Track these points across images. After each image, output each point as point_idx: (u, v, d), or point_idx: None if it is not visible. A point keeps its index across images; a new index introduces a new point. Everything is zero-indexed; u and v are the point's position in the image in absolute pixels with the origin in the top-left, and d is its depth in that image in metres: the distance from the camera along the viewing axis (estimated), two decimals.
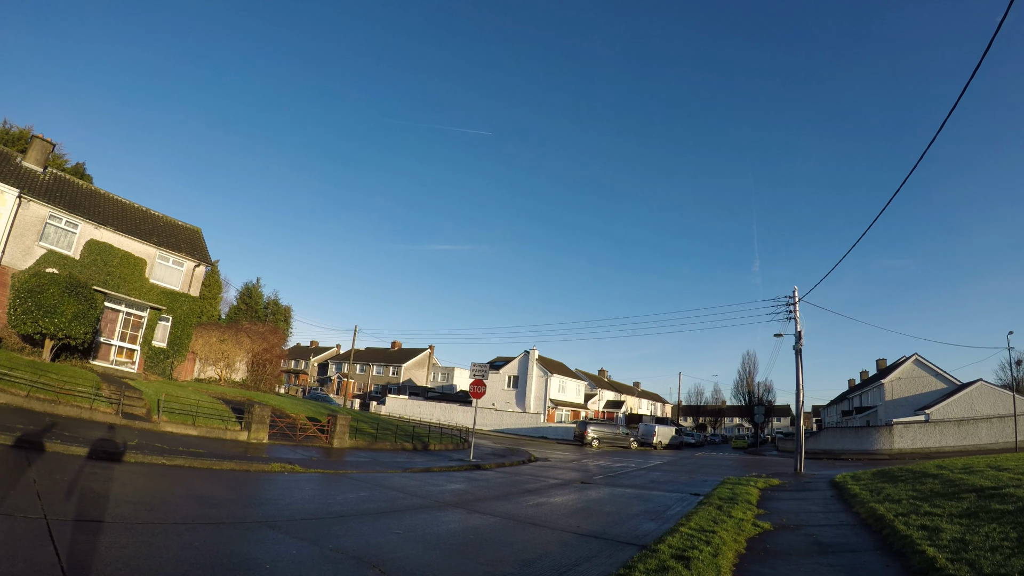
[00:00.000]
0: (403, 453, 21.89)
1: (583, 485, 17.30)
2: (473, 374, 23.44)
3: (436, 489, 13.12)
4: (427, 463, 19.10)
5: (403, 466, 17.28)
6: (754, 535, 9.84)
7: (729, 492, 15.43)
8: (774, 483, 19.30)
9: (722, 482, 19.13)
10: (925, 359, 45.45)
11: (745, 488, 16.69)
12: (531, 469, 21.62)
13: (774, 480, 19.91)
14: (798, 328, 27.61)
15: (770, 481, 19.46)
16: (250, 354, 33.81)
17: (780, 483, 19.64)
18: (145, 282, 27.82)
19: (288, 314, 41.05)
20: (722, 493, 15.08)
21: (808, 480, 21.71)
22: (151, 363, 27.85)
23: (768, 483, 18.96)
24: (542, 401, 60.96)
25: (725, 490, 15.87)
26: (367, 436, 23.71)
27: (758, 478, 20.73)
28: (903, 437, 39.24)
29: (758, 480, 19.35)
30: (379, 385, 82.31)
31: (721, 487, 16.83)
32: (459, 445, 28.55)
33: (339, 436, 20.40)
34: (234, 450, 15.88)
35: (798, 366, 27.11)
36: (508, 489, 14.58)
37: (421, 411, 60.86)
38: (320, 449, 19.12)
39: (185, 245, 30.65)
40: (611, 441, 45.33)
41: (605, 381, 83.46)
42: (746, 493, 15.26)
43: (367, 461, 17.63)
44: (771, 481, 19.49)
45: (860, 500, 13.48)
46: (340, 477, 13.70)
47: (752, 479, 19.69)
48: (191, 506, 8.37)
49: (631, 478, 21.26)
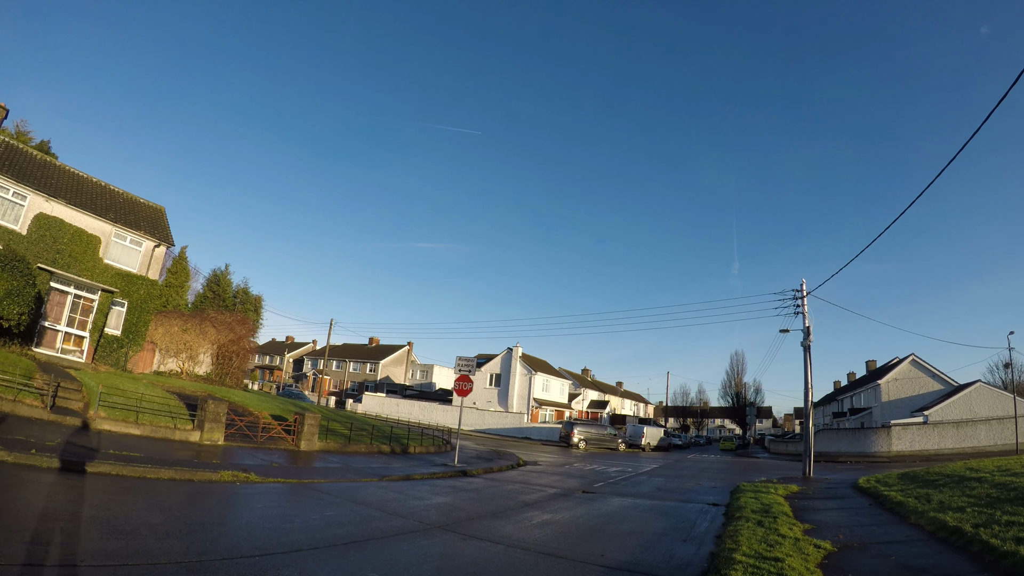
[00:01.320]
0: (379, 457, 19.55)
1: (587, 496, 15.21)
2: (459, 369, 21.20)
3: (419, 504, 10.88)
4: (407, 469, 16.85)
5: (379, 473, 14.99)
6: (819, 559, 7.95)
7: (755, 502, 13.51)
8: (794, 489, 17.48)
9: (738, 489, 17.26)
10: (922, 359, 44.40)
11: (769, 496, 14.82)
12: (523, 475, 19.50)
13: (792, 486, 18.09)
14: (807, 323, 25.93)
15: (789, 487, 17.64)
16: (215, 345, 31.10)
17: (800, 489, 17.85)
18: (99, 262, 25.07)
19: (259, 304, 38.08)
20: (748, 503, 13.14)
21: (827, 485, 20.01)
22: (103, 352, 25.12)
23: (788, 490, 17.14)
24: (525, 400, 58.85)
25: (749, 499, 13.95)
26: (339, 437, 21.30)
27: (771, 483, 18.94)
28: (901, 439, 38.09)
29: (775, 486, 17.50)
30: (356, 383, 79.41)
31: (741, 496, 14.93)
32: (441, 447, 26.27)
33: (307, 437, 17.98)
34: (180, 454, 13.46)
35: (807, 363, 25.43)
36: (504, 502, 12.42)
37: (399, 410, 58.31)
38: (284, 453, 16.73)
39: (145, 223, 27.85)
40: (598, 442, 43.43)
41: (589, 380, 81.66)
42: (775, 503, 13.36)
43: (338, 467, 15.29)
44: (790, 487, 17.66)
45: (912, 509, 11.84)
46: (303, 489, 11.39)
47: (768, 485, 17.84)
48: (88, 537, 6.03)
49: (634, 485, 19.27)
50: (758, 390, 66.98)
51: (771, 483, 19.43)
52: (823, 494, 17.02)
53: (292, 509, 9.17)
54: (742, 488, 17.20)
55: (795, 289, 26.92)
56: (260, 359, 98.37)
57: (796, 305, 26.68)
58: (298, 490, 11.13)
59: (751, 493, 15.43)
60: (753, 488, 16.97)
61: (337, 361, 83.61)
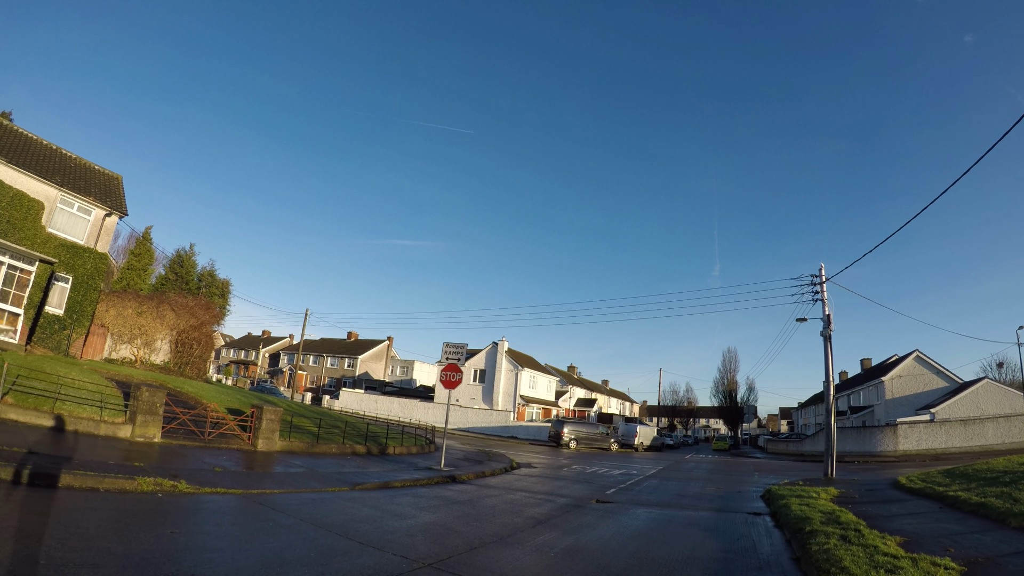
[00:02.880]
0: (353, 459, 16.73)
1: (604, 507, 12.67)
2: (446, 357, 18.49)
3: (401, 527, 8.17)
4: (385, 474, 14.13)
5: (351, 480, 12.26)
6: None
7: (809, 509, 11.11)
8: (834, 493, 15.17)
9: (771, 494, 14.90)
10: (926, 355, 42.81)
11: (817, 502, 12.50)
12: (520, 481, 16.92)
13: (831, 489, 15.75)
14: (826, 311, 23.74)
15: (827, 490, 15.31)
16: (174, 331, 27.96)
17: (841, 492, 15.58)
18: (40, 230, 21.95)
19: (226, 288, 34.67)
20: (804, 512, 10.73)
21: (864, 487, 17.83)
22: (43, 334, 22.00)
23: (828, 493, 14.82)
24: (511, 397, 56.24)
25: (798, 506, 11.56)
26: (307, 435, 18.45)
27: (801, 486, 16.66)
28: (908, 438, 36.44)
29: (811, 489, 15.15)
30: (333, 378, 76.06)
31: (783, 501, 12.56)
32: (424, 448, 23.53)
33: (265, 435, 15.12)
34: (98, 453, 10.63)
35: (827, 354, 23.24)
36: (508, 519, 9.80)
37: (378, 407, 55.34)
38: (237, 454, 13.90)
39: (97, 190, 24.65)
40: (589, 442, 41.05)
41: (575, 378, 79.29)
42: (833, 510, 10.97)
43: (300, 472, 12.52)
44: (828, 490, 15.34)
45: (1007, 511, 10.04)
46: (249, 504, 8.65)
47: (804, 488, 15.46)
48: None
49: (649, 491, 16.80)
50: (751, 388, 65.37)
51: (799, 485, 17.18)
52: (870, 497, 14.76)
53: (221, 537, 6.47)
54: (777, 493, 14.84)
55: (812, 275, 24.75)
56: (235, 354, 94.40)
57: (814, 292, 24.50)
58: (242, 505, 8.41)
59: (794, 499, 13.04)
60: (789, 492, 14.62)
61: (314, 356, 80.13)
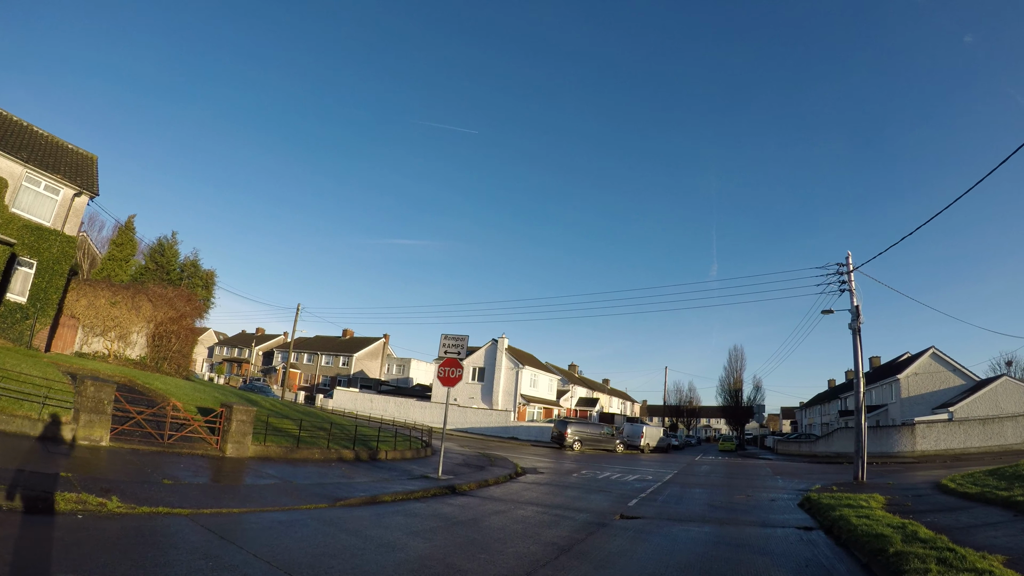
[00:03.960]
0: (338, 466, 14.77)
1: (632, 524, 10.83)
2: (445, 351, 16.64)
3: (388, 564, 6.21)
4: (373, 486, 12.24)
5: (333, 494, 10.38)
6: None
7: (867, 522, 9.38)
8: (881, 499, 13.47)
9: (812, 503, 13.14)
10: (943, 353, 41.17)
11: (873, 512, 10.80)
12: (528, 490, 15.07)
13: (877, 496, 14.00)
14: (855, 302, 21.98)
15: (874, 497, 13.57)
16: (151, 324, 26.02)
17: (887, 498, 13.91)
18: (3, 210, 20.12)
19: (210, 280, 32.46)
20: (869, 527, 9.00)
21: (903, 489, 16.23)
22: (2, 324, 20.17)
23: (875, 500, 13.10)
24: (512, 397, 54.32)
25: (855, 518, 9.81)
26: (287, 438, 16.44)
27: (838, 492, 14.92)
28: (926, 438, 34.83)
29: (855, 496, 13.37)
30: (328, 377, 74.04)
31: (834, 513, 10.85)
32: (419, 451, 21.61)
33: (235, 439, 13.13)
34: (25, 458, 8.77)
35: (856, 348, 21.49)
36: (522, 547, 7.93)
37: (373, 406, 53.41)
38: (200, 460, 12.02)
39: (66, 168, 22.77)
40: (594, 443, 39.23)
41: (576, 377, 77.34)
42: (902, 524, 9.20)
43: (272, 485, 10.60)
44: (875, 497, 13.59)
45: None
46: (191, 531, 6.76)
47: (847, 496, 13.68)
48: None
49: (675, 502, 14.96)
50: (758, 387, 63.30)
51: (835, 491, 15.43)
52: (924, 504, 13.09)
53: None
54: (820, 501, 13.06)
55: (839, 263, 22.99)
56: (228, 352, 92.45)
57: (841, 282, 22.74)
58: (180, 533, 6.55)
59: (845, 509, 11.26)
60: (834, 500, 12.83)
61: (309, 354, 78.10)
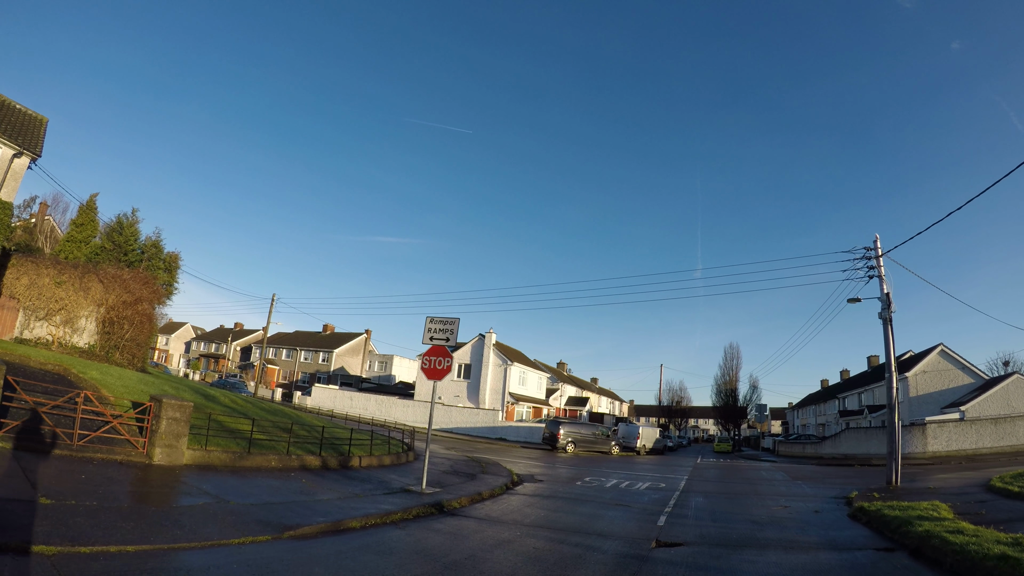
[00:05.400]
0: (300, 477, 12.13)
1: (676, 555, 8.50)
2: (431, 337, 14.17)
3: None
4: (340, 504, 9.71)
5: (282, 519, 7.85)
6: None
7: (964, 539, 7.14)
8: (945, 507, 11.33)
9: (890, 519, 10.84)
10: (951, 350, 39.64)
11: (958, 524, 8.52)
12: (530, 507, 12.65)
13: (940, 504, 11.87)
14: (885, 289, 19.93)
15: (936, 505, 11.43)
16: (102, 307, 23.17)
17: (950, 505, 11.86)
18: None
19: (173, 263, 29.26)
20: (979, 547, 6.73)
21: (954, 494, 14.05)
22: None
23: (939, 507, 10.97)
24: (500, 395, 51.92)
25: (946, 533, 7.56)
26: (239, 442, 13.58)
27: (885, 499, 12.79)
28: (938, 438, 33.18)
29: (915, 505, 11.21)
30: (307, 373, 71.00)
31: (917, 528, 8.65)
32: (399, 457, 18.93)
33: (166, 441, 10.63)
34: None
35: (888, 340, 19.43)
36: None
37: (353, 404, 50.68)
38: (114, 469, 9.42)
39: (8, 127, 19.91)
40: (588, 445, 36.96)
41: (566, 375, 75.14)
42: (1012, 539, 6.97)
43: (201, 506, 7.99)
44: (937, 505, 11.46)
45: None
46: None
47: (908, 504, 11.49)
48: None
49: (708, 518, 12.71)
50: (755, 387, 61.35)
51: (882, 499, 13.33)
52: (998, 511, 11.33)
53: None
54: (881, 513, 10.85)
55: (866, 247, 20.91)
56: (206, 347, 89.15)
57: (869, 267, 20.67)
58: None
59: (926, 522, 9.01)
60: (899, 511, 10.61)
61: (288, 350, 74.98)
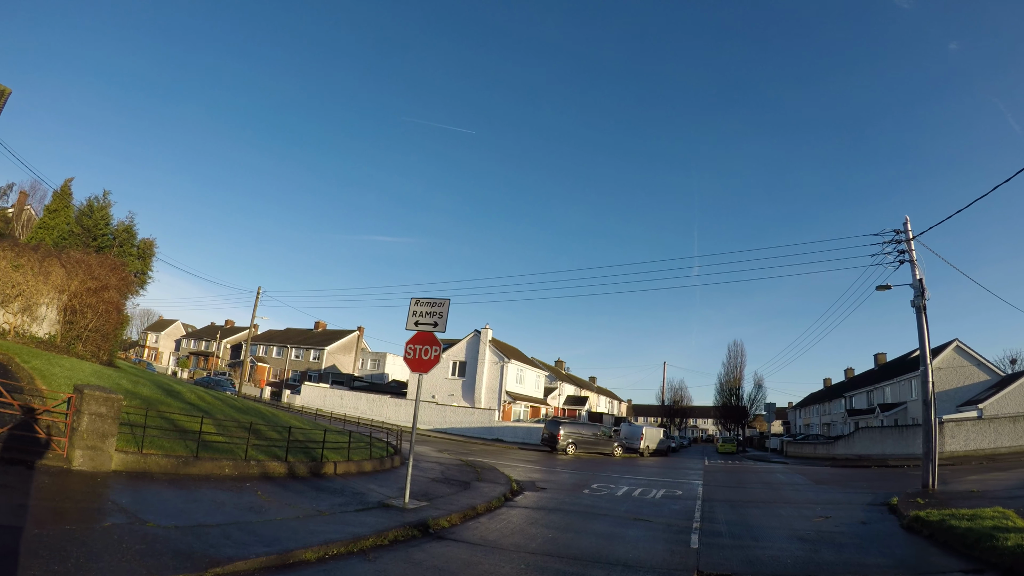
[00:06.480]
0: (256, 487, 10.04)
1: None
2: (416, 322, 12.37)
3: None
4: (297, 526, 7.73)
5: (212, 550, 5.89)
6: None
7: None
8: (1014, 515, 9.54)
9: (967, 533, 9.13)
10: (967, 346, 38.10)
11: None
12: (533, 525, 10.84)
13: (1009, 512, 10.11)
14: (917, 276, 18.25)
15: (1002, 511, 9.78)
16: (64, 294, 21.23)
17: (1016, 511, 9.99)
18: None
19: (147, 250, 27.26)
20: None
21: (1007, 498, 12.34)
22: None
23: (1012, 517, 9.24)
24: (496, 394, 50.12)
25: None
26: (186, 444, 11.51)
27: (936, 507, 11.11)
28: (955, 437, 31.69)
29: (983, 512, 9.50)
30: (297, 371, 69.08)
31: (994, 543, 6.93)
32: (383, 461, 16.63)
33: (89, 441, 8.73)
34: None
35: (922, 329, 17.78)
36: None
37: (343, 403, 48.83)
38: (19, 476, 7.61)
39: None
40: (589, 446, 35.22)
41: (564, 374, 73.37)
42: None
43: (108, 529, 5.99)
44: (1007, 513, 9.79)
45: None
46: None
47: (970, 512, 9.77)
48: None
49: (749, 536, 11.02)
50: (759, 385, 59.80)
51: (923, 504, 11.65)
52: None
53: None
54: (952, 525, 9.10)
55: (896, 230, 19.22)
56: (196, 345, 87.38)
57: (899, 252, 18.98)
58: None
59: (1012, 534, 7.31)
60: (968, 522, 8.90)
61: (278, 347, 73.04)
